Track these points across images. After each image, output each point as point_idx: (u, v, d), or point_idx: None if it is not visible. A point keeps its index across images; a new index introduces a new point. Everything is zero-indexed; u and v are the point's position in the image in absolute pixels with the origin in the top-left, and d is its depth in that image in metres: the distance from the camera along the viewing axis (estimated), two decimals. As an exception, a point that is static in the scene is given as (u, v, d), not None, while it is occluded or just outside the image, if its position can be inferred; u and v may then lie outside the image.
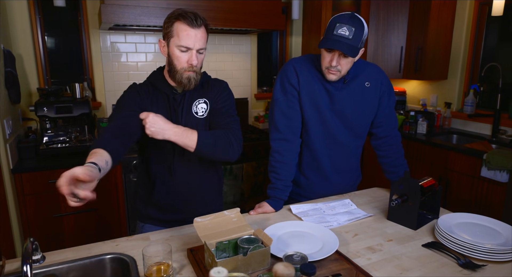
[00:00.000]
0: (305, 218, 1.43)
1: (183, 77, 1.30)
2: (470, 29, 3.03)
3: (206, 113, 1.41)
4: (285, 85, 1.54)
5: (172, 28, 1.27)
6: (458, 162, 2.56)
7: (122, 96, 1.38)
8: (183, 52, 1.28)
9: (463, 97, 3.17)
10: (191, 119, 1.39)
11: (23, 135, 2.53)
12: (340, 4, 3.26)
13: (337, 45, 1.35)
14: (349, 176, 1.71)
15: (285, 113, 1.55)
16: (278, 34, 3.63)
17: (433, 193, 1.41)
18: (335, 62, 1.41)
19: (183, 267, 1.10)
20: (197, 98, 1.40)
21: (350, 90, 1.53)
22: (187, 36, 1.25)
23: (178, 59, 1.29)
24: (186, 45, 1.26)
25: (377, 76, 1.58)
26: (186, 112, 1.38)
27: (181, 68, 1.29)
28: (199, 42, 1.27)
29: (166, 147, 1.38)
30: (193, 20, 1.24)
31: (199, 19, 1.27)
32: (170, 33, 1.27)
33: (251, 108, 3.53)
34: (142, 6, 2.38)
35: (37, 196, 2.23)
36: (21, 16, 2.55)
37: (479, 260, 1.13)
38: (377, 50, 3.27)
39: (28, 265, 0.84)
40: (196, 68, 1.30)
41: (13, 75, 2.23)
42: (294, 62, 1.56)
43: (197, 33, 1.26)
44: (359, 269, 1.07)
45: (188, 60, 1.28)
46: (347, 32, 1.35)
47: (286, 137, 1.55)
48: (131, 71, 2.96)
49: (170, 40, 1.29)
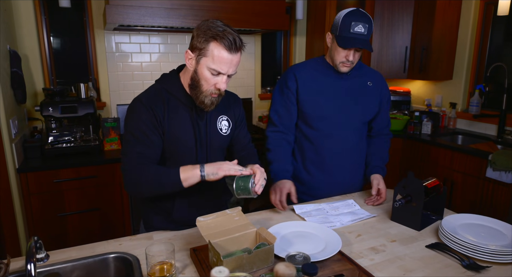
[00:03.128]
0: (308, 218, 1.43)
1: (207, 99, 1.22)
2: (475, 28, 3.01)
3: (229, 131, 1.39)
4: (283, 88, 1.67)
5: (207, 47, 1.15)
6: (463, 163, 2.54)
7: (133, 118, 1.24)
8: (214, 75, 1.18)
9: (468, 97, 3.14)
10: (217, 137, 1.35)
11: (29, 134, 2.55)
12: (345, 4, 3.25)
13: (358, 43, 1.47)
14: (353, 172, 1.73)
15: (279, 112, 1.68)
16: (282, 34, 3.63)
17: (437, 193, 1.40)
18: (351, 57, 1.52)
19: (186, 267, 1.10)
20: (220, 114, 1.36)
21: (352, 84, 1.64)
22: (223, 61, 1.15)
23: (206, 81, 1.19)
24: (219, 70, 1.16)
25: (378, 81, 1.70)
26: (211, 128, 1.33)
27: (206, 90, 1.21)
28: (233, 67, 1.19)
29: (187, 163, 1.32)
30: (232, 44, 1.14)
31: (239, 42, 1.16)
32: (204, 51, 1.16)
33: (255, 108, 3.53)
34: (146, 7, 2.39)
35: (42, 195, 2.25)
36: (27, 17, 2.57)
37: (483, 261, 1.12)
38: (382, 50, 3.26)
39: (32, 263, 0.84)
40: (221, 92, 1.23)
41: (19, 76, 2.25)
42: (294, 69, 1.67)
43: (233, 58, 1.16)
44: (362, 269, 1.07)
45: (217, 83, 1.19)
46: (362, 29, 1.46)
47: (281, 130, 1.69)
48: (135, 71, 2.97)
49: (201, 59, 1.17)
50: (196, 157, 1.32)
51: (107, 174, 2.39)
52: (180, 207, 1.35)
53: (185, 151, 1.30)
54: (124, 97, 2.96)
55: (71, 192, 2.32)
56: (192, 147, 1.30)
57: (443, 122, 3.22)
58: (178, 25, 2.49)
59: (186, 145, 1.29)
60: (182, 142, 1.28)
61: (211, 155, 1.35)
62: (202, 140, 1.31)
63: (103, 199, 2.42)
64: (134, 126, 1.23)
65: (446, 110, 3.27)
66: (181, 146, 1.29)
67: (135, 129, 1.22)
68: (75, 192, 2.33)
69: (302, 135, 1.69)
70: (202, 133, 1.31)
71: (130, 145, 1.22)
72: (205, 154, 1.34)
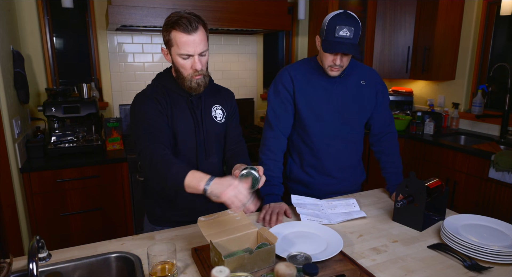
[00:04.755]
0: (300, 209, 1.44)
1: (192, 83, 1.30)
2: (478, 28, 3.00)
3: (223, 119, 1.45)
4: (278, 88, 1.62)
5: (170, 37, 1.24)
6: (466, 163, 2.53)
7: (140, 108, 1.30)
8: (186, 59, 1.26)
9: (471, 97, 3.13)
10: (212, 124, 1.41)
11: (32, 134, 2.56)
12: (347, 4, 3.24)
13: (343, 47, 1.41)
14: (351, 172, 1.72)
15: (276, 113, 1.62)
16: (284, 34, 3.63)
17: (439, 194, 1.40)
18: (339, 61, 1.47)
19: (187, 267, 1.11)
20: (214, 103, 1.43)
21: (346, 86, 1.60)
22: (185, 44, 1.22)
23: (182, 67, 1.28)
24: (186, 52, 1.24)
25: (371, 76, 1.66)
26: (206, 115, 1.40)
27: (187, 74, 1.29)
28: (199, 46, 1.24)
29: (189, 152, 1.38)
30: (188, 26, 1.21)
31: (194, 22, 1.22)
32: (170, 42, 1.26)
33: (257, 109, 3.53)
34: (148, 7, 2.39)
35: (45, 195, 2.26)
36: (30, 17, 2.58)
37: (485, 262, 1.11)
38: (384, 50, 3.25)
39: (34, 263, 0.85)
40: (202, 71, 1.29)
41: (22, 76, 2.26)
42: (289, 69, 1.64)
43: (195, 38, 1.23)
44: (363, 270, 1.07)
45: (192, 65, 1.27)
46: (348, 32, 1.40)
47: (278, 135, 1.63)
48: (137, 72, 2.98)
49: (171, 49, 1.27)
50: (196, 143, 1.38)
51: (110, 174, 2.40)
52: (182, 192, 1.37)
53: (186, 139, 1.36)
54: (126, 97, 2.97)
55: (74, 192, 2.33)
56: (192, 132, 1.37)
57: (445, 122, 3.21)
58: (180, 26, 2.49)
59: (186, 130, 1.36)
60: (183, 127, 1.35)
61: (208, 142, 1.41)
62: (199, 127, 1.38)
63: (105, 199, 2.43)
64: (143, 114, 1.28)
65: (449, 110, 3.26)
66: (182, 134, 1.35)
67: (145, 116, 1.28)
68: (78, 192, 2.34)
69: (299, 138, 1.66)
70: (199, 121, 1.37)
71: (142, 128, 1.26)
72: (202, 141, 1.39)
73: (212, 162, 1.44)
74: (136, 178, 2.47)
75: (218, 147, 1.46)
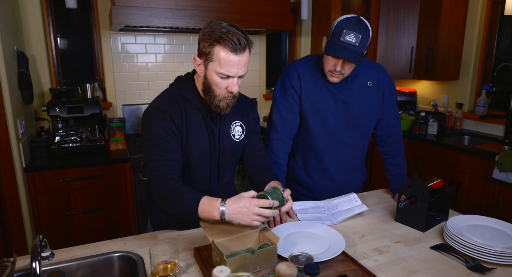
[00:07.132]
0: (302, 215, 1.44)
1: (221, 103, 1.20)
2: (482, 28, 2.99)
3: (242, 137, 1.36)
4: (286, 87, 1.55)
5: (213, 52, 1.12)
6: (470, 164, 2.52)
7: (151, 125, 1.21)
8: (223, 79, 1.15)
9: (475, 97, 3.12)
10: (230, 143, 1.33)
11: (36, 134, 2.58)
12: (350, 4, 3.24)
13: (344, 53, 1.34)
14: (355, 175, 1.71)
15: (282, 115, 1.56)
16: (287, 34, 3.63)
17: (442, 194, 1.39)
18: (339, 67, 1.41)
19: (190, 266, 1.11)
20: (233, 120, 1.34)
21: (353, 90, 1.54)
22: (229, 64, 1.12)
23: (217, 85, 1.17)
24: (228, 73, 1.13)
25: (378, 75, 1.58)
26: (224, 134, 1.31)
27: (219, 94, 1.19)
28: (242, 68, 1.15)
29: (202, 172, 1.33)
30: (236, 45, 1.10)
31: (243, 41, 1.11)
32: (210, 56, 1.13)
33: (260, 109, 3.53)
34: (151, 7, 2.40)
35: (49, 194, 2.27)
36: (34, 17, 2.59)
37: (488, 263, 1.11)
38: (387, 50, 3.24)
39: (37, 261, 0.85)
40: (235, 94, 1.20)
41: (26, 76, 2.28)
42: (297, 65, 1.56)
43: (240, 59, 1.12)
44: (365, 270, 1.07)
45: (228, 86, 1.17)
46: (354, 39, 1.33)
47: (282, 137, 1.57)
48: (141, 72, 2.99)
49: (208, 64, 1.15)
50: (210, 163, 1.31)
51: (113, 173, 2.41)
52: None
53: (201, 157, 1.29)
54: (130, 97, 2.97)
55: (77, 192, 2.34)
56: (207, 153, 1.29)
57: (449, 122, 3.20)
58: (184, 26, 2.50)
59: (201, 151, 1.28)
60: (198, 148, 1.27)
61: (224, 160, 1.34)
62: (216, 145, 1.29)
63: (108, 199, 2.44)
64: (154, 134, 1.20)
65: (453, 110, 3.24)
66: (197, 152, 1.27)
67: (155, 137, 1.20)
68: (81, 192, 2.35)
69: (303, 141, 1.62)
70: (216, 139, 1.29)
71: (152, 153, 1.20)
72: (217, 162, 1.33)
73: (224, 182, 1.38)
74: (139, 178, 2.47)
75: (233, 164, 1.40)
